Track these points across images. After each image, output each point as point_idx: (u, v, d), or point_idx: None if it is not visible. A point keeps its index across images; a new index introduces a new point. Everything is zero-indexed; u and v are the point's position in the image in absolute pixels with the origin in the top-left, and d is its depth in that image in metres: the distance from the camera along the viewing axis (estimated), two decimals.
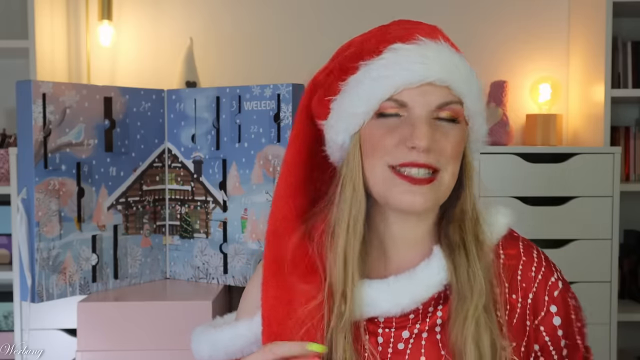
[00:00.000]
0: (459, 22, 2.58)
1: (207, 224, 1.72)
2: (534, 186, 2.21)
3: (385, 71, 0.91)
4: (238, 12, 2.60)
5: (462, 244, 0.94)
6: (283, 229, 0.98)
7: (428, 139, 0.88)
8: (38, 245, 1.48)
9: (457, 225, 0.96)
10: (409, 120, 0.90)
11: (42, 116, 1.48)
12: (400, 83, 0.90)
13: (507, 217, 1.01)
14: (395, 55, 0.91)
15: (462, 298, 0.92)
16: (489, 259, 0.95)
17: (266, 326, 0.94)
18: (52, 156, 1.51)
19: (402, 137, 0.90)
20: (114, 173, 1.63)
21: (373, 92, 0.91)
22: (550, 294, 0.97)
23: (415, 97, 0.90)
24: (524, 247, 1.00)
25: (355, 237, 0.93)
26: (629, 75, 2.47)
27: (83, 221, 1.58)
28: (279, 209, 0.98)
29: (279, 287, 0.95)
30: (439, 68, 0.90)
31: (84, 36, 2.57)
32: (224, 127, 1.68)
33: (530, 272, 0.98)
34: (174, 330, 1.56)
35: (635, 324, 2.43)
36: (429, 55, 0.90)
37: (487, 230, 0.97)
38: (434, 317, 0.95)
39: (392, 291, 0.93)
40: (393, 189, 0.91)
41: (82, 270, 1.58)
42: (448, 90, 0.91)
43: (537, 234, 2.22)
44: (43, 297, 1.50)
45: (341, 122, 0.95)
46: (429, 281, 0.93)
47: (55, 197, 1.52)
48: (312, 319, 0.92)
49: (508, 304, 0.96)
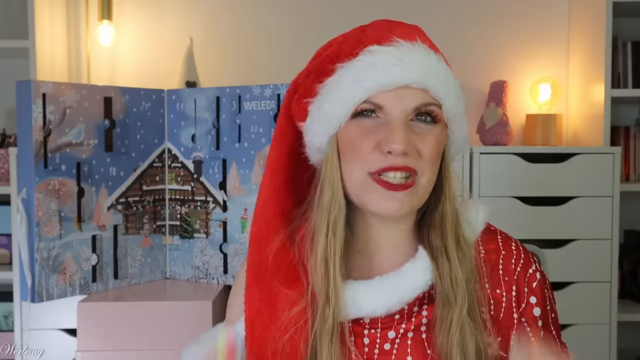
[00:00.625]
0: (459, 22, 2.58)
1: (207, 224, 1.72)
2: (534, 186, 2.21)
3: (360, 73, 0.90)
4: (238, 12, 2.60)
5: (444, 248, 0.94)
6: (266, 232, 0.97)
7: (404, 143, 0.88)
8: (38, 245, 1.48)
9: (438, 229, 0.95)
10: (385, 123, 0.90)
11: (42, 116, 1.48)
12: (376, 86, 0.89)
13: (483, 212, 1.01)
14: (371, 57, 0.90)
15: (447, 304, 0.92)
16: (471, 259, 0.95)
17: (249, 331, 0.94)
18: (52, 156, 1.51)
19: (378, 141, 0.89)
20: (114, 173, 1.63)
21: (349, 95, 0.91)
22: (530, 285, 0.98)
23: (391, 100, 0.90)
24: (502, 240, 1.00)
25: (336, 241, 0.93)
26: (629, 75, 2.47)
27: (83, 221, 1.58)
28: (262, 213, 0.98)
29: (262, 291, 0.94)
30: (415, 70, 0.89)
31: (84, 36, 2.57)
32: (224, 127, 1.68)
33: (511, 264, 0.98)
34: (174, 330, 1.56)
35: (635, 324, 2.43)
36: (405, 57, 0.89)
37: (467, 228, 0.97)
38: (419, 316, 0.95)
39: (377, 292, 0.93)
40: (370, 195, 0.91)
41: (82, 270, 1.58)
42: (426, 93, 0.90)
43: (537, 234, 2.22)
44: (43, 297, 1.50)
45: (318, 124, 0.94)
46: (415, 282, 0.93)
47: (55, 197, 1.52)
48: (295, 324, 0.92)
49: (492, 299, 0.96)
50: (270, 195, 0.98)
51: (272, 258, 0.95)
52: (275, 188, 0.98)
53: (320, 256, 0.93)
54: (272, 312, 0.93)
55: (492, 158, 2.20)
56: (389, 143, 0.88)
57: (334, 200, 0.93)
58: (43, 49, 2.33)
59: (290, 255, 0.96)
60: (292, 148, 1.00)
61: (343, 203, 0.93)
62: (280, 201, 0.98)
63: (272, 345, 0.91)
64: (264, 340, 0.92)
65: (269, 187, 0.98)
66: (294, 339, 0.91)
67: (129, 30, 2.59)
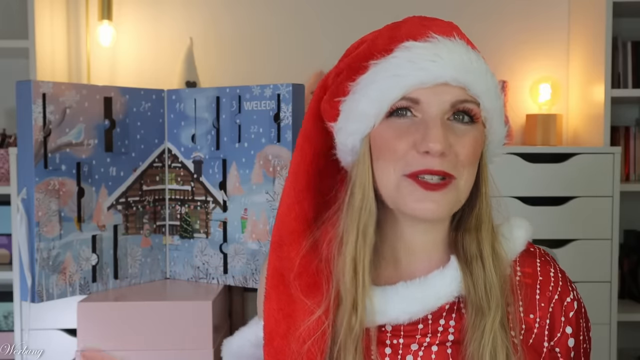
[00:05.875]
0: (459, 22, 2.56)
1: (207, 224, 1.72)
2: (534, 186, 2.21)
3: (397, 70, 0.86)
4: (238, 12, 2.60)
5: (479, 254, 0.90)
6: (287, 239, 0.94)
7: (442, 142, 0.83)
8: (38, 245, 1.48)
9: (473, 235, 0.91)
10: (422, 121, 0.86)
11: (42, 116, 1.48)
12: (413, 83, 0.85)
13: (525, 230, 0.98)
14: (407, 54, 0.87)
15: (480, 311, 0.88)
16: (505, 273, 0.91)
17: (268, 340, 0.92)
18: (52, 156, 1.51)
19: (414, 141, 0.85)
20: (114, 173, 1.63)
21: (384, 93, 0.87)
22: (567, 315, 0.94)
23: (428, 96, 0.86)
24: (541, 264, 0.96)
25: (366, 245, 0.89)
26: (629, 75, 2.47)
27: (83, 221, 1.58)
28: (284, 219, 0.94)
29: (280, 299, 0.92)
30: (453, 67, 0.86)
31: (84, 36, 2.57)
32: (224, 127, 1.68)
33: (548, 291, 0.94)
34: (174, 330, 1.57)
35: (635, 324, 2.43)
36: (442, 54, 0.86)
37: (505, 244, 0.93)
38: (445, 332, 0.91)
39: (401, 297, 0.89)
40: (405, 196, 0.86)
41: (82, 270, 1.58)
42: (463, 90, 0.87)
43: (537, 234, 2.21)
44: (43, 297, 1.50)
45: (350, 124, 0.90)
46: (440, 290, 0.89)
47: (55, 197, 1.52)
48: (313, 335, 0.89)
49: (524, 323, 0.92)
50: (292, 202, 0.94)
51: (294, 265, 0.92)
52: (297, 193, 0.95)
53: (349, 260, 0.89)
54: (290, 321, 0.91)
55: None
56: (426, 142, 0.84)
57: (365, 203, 0.89)
58: (43, 49, 2.33)
59: (314, 263, 0.92)
60: (318, 152, 0.96)
61: (374, 206, 0.90)
62: (303, 208, 0.95)
63: (289, 356, 0.89)
64: (282, 351, 0.90)
65: (290, 192, 0.95)
66: (311, 351, 0.88)
67: (129, 30, 2.59)
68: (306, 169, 0.95)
